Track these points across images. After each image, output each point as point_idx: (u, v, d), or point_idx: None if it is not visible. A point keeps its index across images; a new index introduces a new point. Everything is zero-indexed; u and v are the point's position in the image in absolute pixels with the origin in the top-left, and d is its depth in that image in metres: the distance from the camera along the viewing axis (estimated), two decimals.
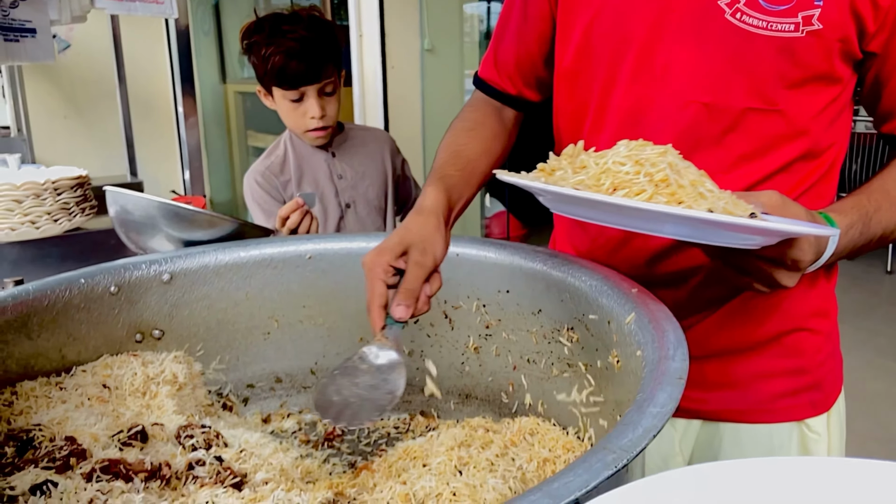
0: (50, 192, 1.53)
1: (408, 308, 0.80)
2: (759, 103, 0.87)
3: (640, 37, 0.90)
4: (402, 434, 1.05)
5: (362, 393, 0.81)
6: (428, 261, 0.82)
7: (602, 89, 0.95)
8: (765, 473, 0.42)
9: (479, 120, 1.07)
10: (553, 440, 0.87)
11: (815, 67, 0.85)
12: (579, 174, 0.72)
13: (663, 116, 0.90)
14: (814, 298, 0.99)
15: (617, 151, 0.72)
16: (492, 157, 1.04)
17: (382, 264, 0.82)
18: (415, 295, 0.81)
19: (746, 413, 1.00)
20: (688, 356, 0.64)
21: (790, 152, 0.90)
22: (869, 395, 3.21)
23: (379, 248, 0.83)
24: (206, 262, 1.06)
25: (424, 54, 3.40)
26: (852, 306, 4.05)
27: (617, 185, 0.68)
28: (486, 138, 1.05)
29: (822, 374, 1.01)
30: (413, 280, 0.81)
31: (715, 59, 0.87)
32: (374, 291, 0.82)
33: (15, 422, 0.83)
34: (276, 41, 1.54)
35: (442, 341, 1.07)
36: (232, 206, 4.72)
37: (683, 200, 0.65)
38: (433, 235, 0.84)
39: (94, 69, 3.75)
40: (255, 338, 1.10)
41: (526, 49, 1.06)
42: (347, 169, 1.72)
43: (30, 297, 0.91)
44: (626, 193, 0.66)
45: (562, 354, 0.93)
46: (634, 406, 0.56)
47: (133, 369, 0.95)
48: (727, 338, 0.97)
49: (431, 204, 0.88)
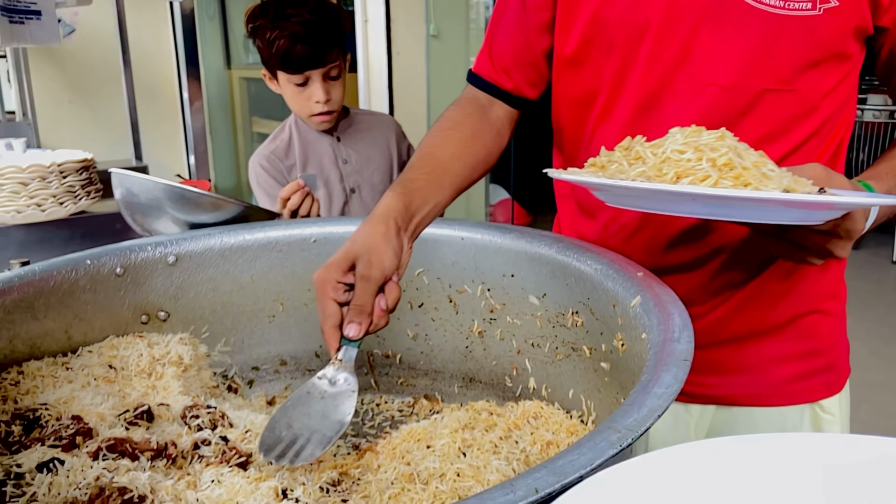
0: (55, 174, 1.53)
1: (359, 326, 0.77)
2: (776, 84, 0.87)
3: (657, 21, 0.88)
4: (405, 417, 1.06)
5: (313, 424, 0.76)
6: (374, 273, 0.77)
7: (615, 75, 0.93)
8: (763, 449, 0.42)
9: (457, 119, 1.01)
10: (557, 423, 0.87)
11: (831, 46, 0.86)
12: (637, 166, 0.71)
13: (681, 100, 0.90)
14: (827, 280, 1.00)
15: (674, 139, 0.71)
16: (470, 158, 0.96)
17: (331, 282, 0.78)
18: (366, 311, 0.77)
19: (762, 397, 1.01)
20: (693, 338, 0.64)
21: (804, 131, 0.90)
22: (873, 385, 3.21)
23: (326, 264, 0.79)
24: (211, 244, 1.06)
25: (430, 40, 3.38)
26: (857, 296, 4.02)
27: (680, 173, 0.67)
28: (462, 139, 0.97)
29: (834, 355, 1.03)
30: (361, 295, 0.77)
31: (734, 41, 0.86)
32: (325, 311, 0.78)
33: (21, 401, 0.83)
34: (280, 25, 1.53)
35: (446, 325, 1.07)
36: (237, 191, 4.72)
37: (750, 182, 0.65)
38: (380, 245, 0.79)
39: (99, 54, 3.75)
40: (260, 320, 1.10)
41: (525, 40, 1.02)
42: (352, 154, 1.72)
43: (36, 278, 0.91)
44: (692, 181, 0.66)
45: (566, 338, 0.93)
46: (639, 387, 0.56)
47: (139, 350, 0.95)
48: (744, 322, 0.98)
49: (382, 210, 0.82)
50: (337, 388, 0.79)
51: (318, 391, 0.78)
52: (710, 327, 0.98)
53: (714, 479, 0.41)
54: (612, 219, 0.98)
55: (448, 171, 0.92)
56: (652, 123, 0.91)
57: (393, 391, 1.12)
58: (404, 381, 1.12)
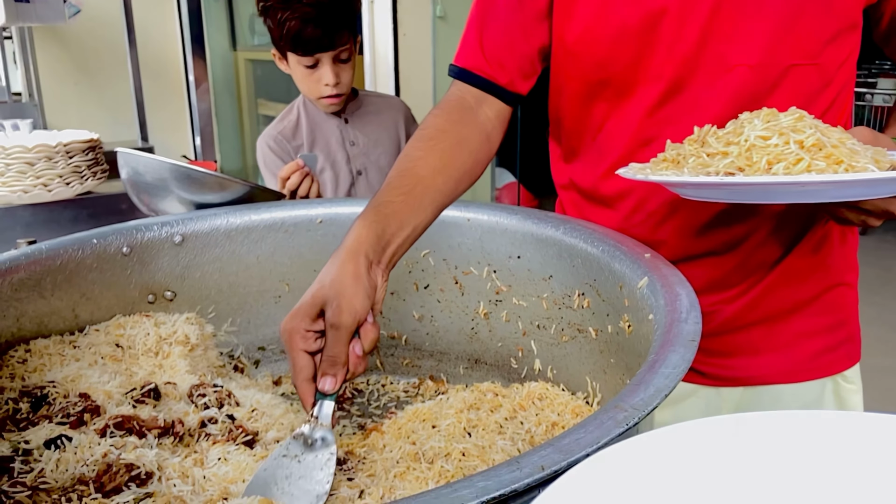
0: (62, 154, 1.53)
1: (334, 378, 0.70)
2: (802, 59, 0.87)
3: (673, 6, 0.86)
4: (411, 398, 1.06)
5: (294, 491, 0.68)
6: (345, 320, 0.70)
7: (629, 62, 0.90)
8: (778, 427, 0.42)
9: (441, 127, 0.92)
10: (562, 405, 0.87)
11: (848, 16, 0.86)
12: (720, 158, 0.70)
13: (708, 83, 0.88)
14: (848, 253, 1.02)
15: (753, 126, 0.71)
16: (454, 171, 0.88)
17: (299, 331, 0.71)
18: (339, 361, 0.71)
19: (791, 373, 1.01)
20: (700, 319, 0.63)
21: (823, 103, 0.91)
22: (879, 370, 3.21)
23: (293, 312, 0.72)
24: (217, 224, 1.06)
25: (436, 21, 3.36)
26: (864, 281, 4.01)
27: (771, 160, 0.67)
28: (445, 149, 0.89)
29: (853, 324, 1.05)
30: (333, 345, 0.71)
31: (757, 19, 0.85)
32: (297, 364, 0.72)
33: (29, 378, 0.84)
34: (292, 6, 1.52)
35: (452, 307, 1.07)
36: (242, 173, 4.71)
37: (843, 160, 0.65)
38: (349, 287, 0.71)
39: (105, 35, 3.74)
40: (266, 301, 1.10)
41: (521, 30, 0.95)
42: (360, 136, 1.71)
43: (43, 256, 0.91)
44: (786, 166, 0.65)
45: (572, 320, 0.93)
46: (646, 366, 0.55)
47: (146, 329, 0.95)
48: (776, 301, 0.98)
49: (352, 244, 0.75)
50: (314, 450, 0.71)
51: (293, 452, 0.71)
52: (744, 309, 0.98)
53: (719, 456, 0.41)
54: (637, 207, 0.95)
55: (429, 188, 0.84)
56: (679, 108, 0.89)
57: (398, 372, 1.12)
58: (410, 363, 1.12)
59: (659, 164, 0.76)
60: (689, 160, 0.73)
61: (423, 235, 0.86)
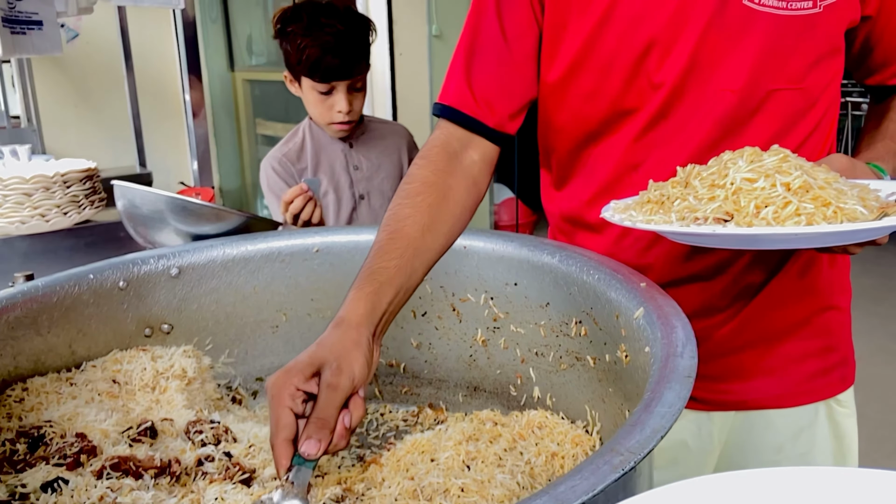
0: (59, 184, 1.54)
1: (319, 442, 0.66)
2: (784, 83, 0.88)
3: (661, 37, 0.87)
4: (410, 427, 1.05)
5: None
6: (343, 382, 0.69)
7: (615, 94, 0.91)
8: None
9: (427, 180, 0.89)
10: (561, 434, 0.87)
11: (831, 41, 0.88)
12: (705, 202, 0.69)
13: (693, 109, 0.89)
14: (836, 276, 1.02)
15: (737, 167, 0.70)
16: (443, 225, 0.87)
17: (289, 388, 0.68)
18: (328, 426, 0.67)
19: (783, 397, 1.01)
20: (696, 353, 0.63)
21: (808, 126, 0.92)
22: (881, 381, 3.20)
23: (286, 368, 0.70)
24: (213, 256, 1.06)
25: (432, 40, 3.38)
26: (864, 292, 4.01)
27: (759, 204, 0.66)
28: (432, 205, 0.87)
29: (846, 348, 1.04)
30: (326, 407, 0.68)
31: (741, 45, 0.86)
32: (279, 422, 0.67)
33: (26, 418, 0.83)
34: (313, 33, 1.54)
35: (450, 334, 1.07)
36: (241, 194, 4.72)
37: (830, 202, 0.65)
38: (351, 352, 0.71)
39: (103, 58, 3.76)
40: (263, 331, 1.10)
41: (509, 71, 0.94)
42: (364, 160, 1.73)
43: (39, 294, 0.91)
44: (775, 210, 0.65)
45: (570, 348, 0.93)
46: (642, 405, 0.55)
47: (142, 364, 0.95)
48: (764, 325, 0.98)
49: (351, 315, 0.74)
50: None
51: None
52: (733, 333, 0.98)
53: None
54: (625, 232, 0.96)
55: (419, 249, 0.83)
56: (665, 133, 0.91)
57: (397, 400, 1.12)
58: (408, 390, 1.12)
59: (643, 206, 0.76)
60: (674, 203, 0.72)
61: None
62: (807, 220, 0.64)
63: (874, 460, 2.65)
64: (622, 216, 0.75)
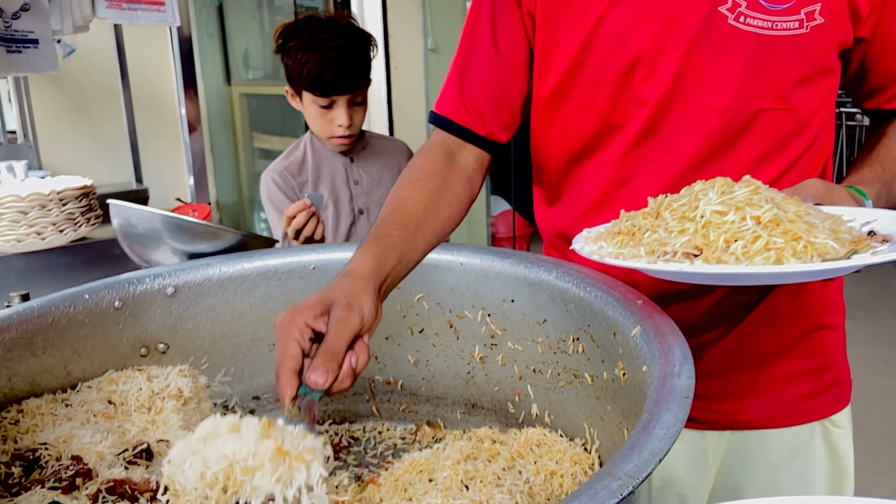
0: (55, 202, 1.54)
1: (327, 373, 0.66)
2: (771, 103, 0.88)
3: (647, 53, 0.88)
4: (408, 445, 1.05)
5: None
6: (353, 319, 0.69)
7: (604, 110, 0.92)
8: None
9: (427, 169, 0.94)
10: (560, 452, 0.87)
11: (819, 61, 0.87)
12: (675, 235, 0.68)
13: (678, 127, 0.90)
14: (829, 295, 1.01)
15: (708, 199, 0.69)
16: (441, 210, 0.91)
17: (298, 323, 0.69)
18: (337, 358, 0.67)
19: (777, 418, 1.01)
20: (694, 373, 0.63)
21: (798, 147, 0.91)
22: (879, 391, 3.19)
23: (295, 306, 0.71)
24: (209, 274, 1.06)
25: (428, 54, 3.39)
26: (861, 301, 4.02)
27: (728, 238, 0.65)
28: (432, 189, 0.91)
29: (840, 368, 1.04)
30: (335, 339, 0.68)
31: (726, 65, 0.87)
32: (286, 352, 0.68)
33: (21, 441, 0.83)
34: (314, 48, 1.55)
35: (447, 351, 1.07)
36: (238, 208, 4.72)
37: (801, 236, 0.64)
38: (360, 294, 0.72)
39: (100, 73, 3.76)
40: (259, 349, 1.09)
41: (500, 82, 0.97)
42: (364, 175, 1.74)
43: (34, 315, 0.91)
44: (744, 244, 0.64)
45: (568, 365, 0.93)
46: (640, 427, 0.55)
47: (138, 384, 0.94)
48: (756, 344, 0.98)
49: (359, 268, 0.76)
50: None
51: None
52: (724, 352, 0.98)
53: None
54: None
55: (420, 226, 0.86)
56: (652, 150, 0.91)
57: (395, 418, 1.11)
58: (406, 408, 1.11)
59: (614, 236, 0.75)
60: (645, 235, 0.70)
61: (416, 280, 0.88)
62: (776, 256, 0.62)
63: (874, 471, 2.65)
64: (591, 248, 0.74)
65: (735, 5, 0.84)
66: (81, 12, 1.77)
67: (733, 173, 0.88)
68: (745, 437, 1.02)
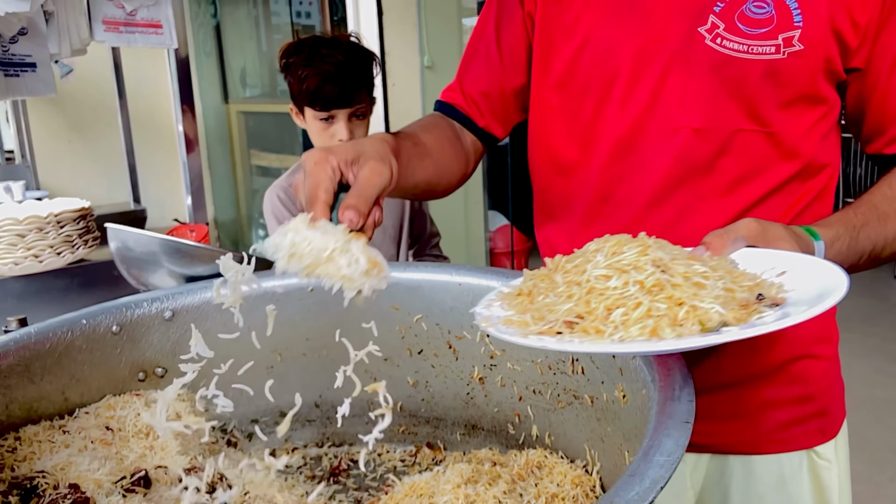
0: (53, 225, 1.54)
1: (359, 215, 0.66)
2: (747, 125, 0.87)
3: (627, 66, 0.90)
4: (408, 467, 1.04)
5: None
6: (385, 172, 0.70)
7: (590, 119, 0.94)
8: None
9: (435, 122, 1.03)
10: (561, 474, 0.86)
11: (799, 88, 0.85)
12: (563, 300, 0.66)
13: (655, 144, 0.91)
14: (817, 324, 0.95)
15: (596, 262, 0.67)
16: (443, 156, 0.98)
17: (332, 162, 0.69)
18: (370, 204, 0.68)
19: (758, 444, 0.99)
20: (694, 396, 0.63)
21: (782, 173, 0.90)
22: (879, 403, 3.19)
23: (327, 147, 0.72)
24: (207, 297, 1.05)
25: (424, 71, 3.40)
26: (861, 313, 4.02)
27: (610, 305, 0.62)
28: (438, 136, 0.99)
29: (827, 399, 1.00)
30: (369, 186, 0.68)
31: (700, 84, 0.87)
32: (320, 185, 0.68)
33: (18, 469, 0.82)
34: (313, 63, 1.58)
35: (446, 371, 1.06)
36: (236, 225, 4.73)
37: (684, 301, 0.61)
38: (390, 155, 0.74)
39: (97, 93, 3.77)
40: (258, 372, 1.08)
41: (496, 80, 1.03)
42: None
43: (32, 341, 0.90)
44: (625, 312, 0.62)
45: (567, 386, 0.92)
46: (641, 453, 0.55)
47: (136, 409, 0.94)
48: (736, 368, 0.96)
49: (382, 136, 0.80)
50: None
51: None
52: (703, 373, 0.96)
53: None
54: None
55: (428, 153, 0.93)
56: (631, 166, 0.93)
57: (394, 440, 1.11)
58: (405, 430, 1.11)
59: (515, 298, 0.73)
60: (538, 298, 0.68)
61: (415, 300, 0.93)
62: (653, 324, 0.60)
63: (876, 483, 2.64)
64: (487, 313, 0.72)
65: (714, 27, 0.85)
66: (79, 36, 1.78)
67: (711, 194, 0.89)
68: (729, 462, 1.00)
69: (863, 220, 0.85)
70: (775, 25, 0.82)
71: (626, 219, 0.94)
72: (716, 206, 0.90)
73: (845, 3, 0.81)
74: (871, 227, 0.84)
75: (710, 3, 0.85)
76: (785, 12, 0.82)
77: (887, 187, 0.88)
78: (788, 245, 0.72)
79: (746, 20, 0.83)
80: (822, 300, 0.61)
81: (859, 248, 0.83)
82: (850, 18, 0.82)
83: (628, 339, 0.60)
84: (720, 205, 0.90)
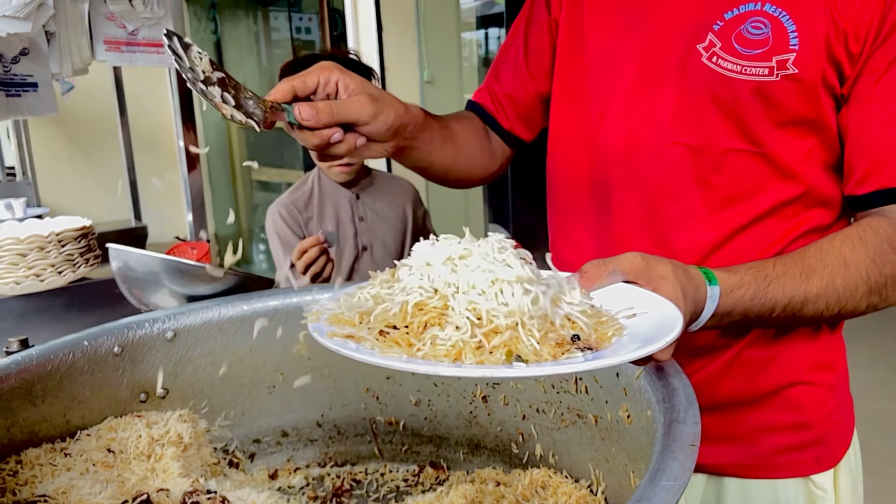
0: (54, 244, 1.53)
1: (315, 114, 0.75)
2: (741, 144, 0.87)
3: (628, 79, 0.91)
4: (411, 487, 1.04)
5: None
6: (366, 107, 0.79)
7: (593, 129, 0.96)
8: None
9: (466, 115, 1.08)
10: (566, 494, 0.86)
11: (793, 111, 0.84)
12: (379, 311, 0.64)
13: (651, 157, 0.91)
14: (815, 350, 0.95)
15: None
16: (468, 146, 1.03)
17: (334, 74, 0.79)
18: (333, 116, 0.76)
19: (752, 468, 0.97)
20: (699, 418, 0.62)
21: (779, 194, 0.88)
22: (884, 414, 3.17)
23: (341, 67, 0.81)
24: (209, 317, 1.05)
25: (424, 86, 3.42)
26: (865, 324, 3.99)
27: (429, 321, 0.61)
28: (467, 127, 1.05)
29: (826, 428, 0.96)
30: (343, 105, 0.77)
31: (694, 101, 0.88)
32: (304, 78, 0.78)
33: (20, 493, 0.82)
34: None
35: (449, 390, 1.06)
36: (236, 240, 4.72)
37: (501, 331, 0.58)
38: (390, 101, 0.82)
39: (98, 110, 3.77)
40: (260, 392, 1.08)
41: (523, 84, 1.06)
42: (369, 212, 1.76)
43: (33, 363, 0.90)
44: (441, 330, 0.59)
45: (571, 405, 0.92)
46: (647, 477, 0.54)
47: (138, 431, 0.93)
48: (728, 390, 0.95)
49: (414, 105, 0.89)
50: None
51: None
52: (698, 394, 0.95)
53: None
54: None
55: (452, 138, 0.98)
56: (625, 178, 0.94)
57: (397, 459, 1.10)
58: (409, 448, 1.10)
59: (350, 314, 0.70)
60: (379, 306, 0.65)
61: None
62: (457, 351, 0.58)
63: (882, 497, 2.62)
64: (328, 307, 0.71)
65: (711, 45, 0.85)
66: (80, 55, 1.79)
67: (705, 210, 0.89)
68: (725, 484, 0.99)
69: (780, 271, 0.79)
70: (770, 47, 0.82)
71: (621, 231, 0.95)
72: (708, 223, 0.90)
73: (842, 31, 0.80)
74: (788, 279, 0.79)
75: (710, 20, 0.85)
76: (782, 35, 0.82)
77: (827, 241, 0.82)
78: (670, 286, 0.67)
79: (743, 40, 0.83)
80: (636, 350, 0.57)
81: (769, 300, 0.78)
82: (846, 47, 0.81)
83: (431, 357, 0.58)
84: (710, 223, 0.90)
